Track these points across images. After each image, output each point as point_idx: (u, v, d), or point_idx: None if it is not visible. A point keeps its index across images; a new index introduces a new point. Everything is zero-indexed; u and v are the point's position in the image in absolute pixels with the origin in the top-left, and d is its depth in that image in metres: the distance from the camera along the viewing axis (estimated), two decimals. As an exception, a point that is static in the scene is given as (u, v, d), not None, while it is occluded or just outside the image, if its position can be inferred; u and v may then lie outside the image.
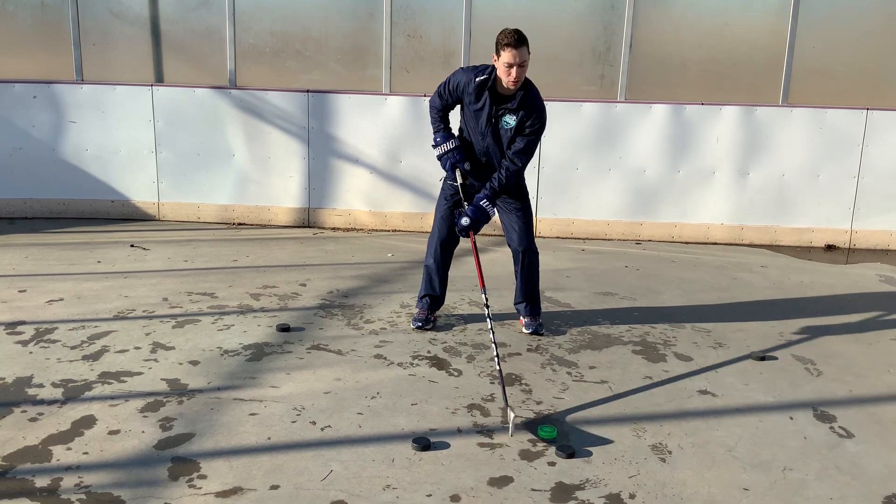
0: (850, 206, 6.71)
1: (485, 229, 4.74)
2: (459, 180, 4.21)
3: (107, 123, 6.71)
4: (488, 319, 3.91)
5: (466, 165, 4.20)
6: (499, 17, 6.60)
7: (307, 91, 6.65)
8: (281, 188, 6.84)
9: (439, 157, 4.24)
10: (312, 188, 6.82)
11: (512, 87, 3.94)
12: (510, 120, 4.04)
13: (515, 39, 3.85)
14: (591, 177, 6.70)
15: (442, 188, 4.43)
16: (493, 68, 4.00)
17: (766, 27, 6.63)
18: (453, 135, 4.25)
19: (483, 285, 4.05)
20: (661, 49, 6.70)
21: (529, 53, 3.93)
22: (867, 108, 6.55)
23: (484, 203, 4.09)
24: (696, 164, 6.67)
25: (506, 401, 3.44)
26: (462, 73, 4.12)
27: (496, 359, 3.67)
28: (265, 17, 6.72)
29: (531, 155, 4.14)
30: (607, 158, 6.67)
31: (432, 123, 4.26)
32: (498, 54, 3.91)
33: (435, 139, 4.24)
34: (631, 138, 6.63)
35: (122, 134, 6.73)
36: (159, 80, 6.83)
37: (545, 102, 4.14)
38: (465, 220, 4.07)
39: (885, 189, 6.66)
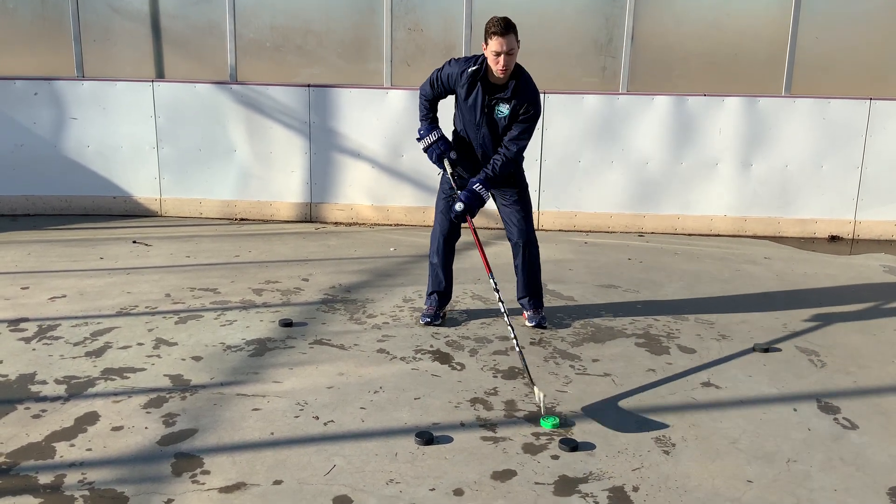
0: (853, 196, 6.69)
1: (485, 223, 4.73)
2: (449, 170, 4.20)
3: (108, 119, 6.71)
4: (501, 304, 4.02)
5: (453, 154, 4.18)
6: (499, 10, 6.53)
7: (308, 85, 6.64)
8: (283, 183, 6.83)
9: (425, 150, 4.21)
10: (314, 183, 6.81)
11: (501, 76, 3.93)
12: (504, 109, 4.03)
13: (502, 27, 3.82)
14: (593, 169, 6.68)
15: (440, 183, 4.41)
16: (484, 57, 3.98)
17: (769, 17, 6.60)
18: (437, 125, 4.22)
19: (489, 270, 4.13)
20: (663, 40, 6.67)
21: (519, 41, 3.91)
22: (870, 98, 6.52)
23: (478, 187, 4.05)
24: (699, 155, 6.64)
25: (531, 379, 3.62)
26: (454, 63, 4.08)
27: (514, 340, 3.85)
28: (265, 12, 6.70)
29: (526, 141, 4.10)
30: (609, 151, 6.65)
31: (420, 111, 4.22)
32: (486, 42, 3.90)
33: (419, 131, 4.21)
34: (633, 130, 6.61)
35: (124, 130, 6.73)
36: (160, 75, 6.82)
37: (544, 94, 4.12)
38: (458, 206, 4.06)
39: (889, 179, 6.64)
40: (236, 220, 6.89)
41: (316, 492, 2.80)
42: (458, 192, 4.14)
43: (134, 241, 6.05)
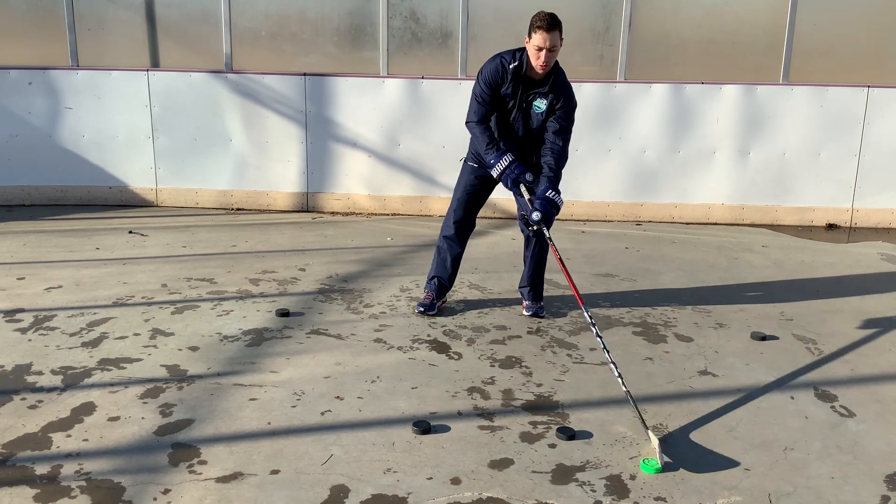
0: (851, 184, 6.68)
1: (484, 212, 4.69)
2: (526, 195, 4.06)
3: (103, 109, 6.68)
4: (597, 334, 3.56)
5: (529, 176, 4.02)
6: (496, -2, 6.57)
7: (304, 74, 6.61)
8: (279, 173, 6.80)
9: (498, 177, 4.07)
10: (311, 172, 6.79)
11: (540, 71, 3.91)
12: (541, 104, 4.01)
13: (548, 23, 3.81)
14: (590, 158, 6.66)
15: (462, 170, 4.34)
16: (523, 51, 3.96)
17: (767, 5, 6.56)
18: (506, 149, 4.06)
19: (581, 301, 3.76)
20: (661, 28, 6.64)
21: (562, 39, 3.89)
22: (868, 86, 6.50)
23: (551, 194, 3.95)
24: (697, 143, 6.63)
25: (643, 422, 3.18)
26: (490, 63, 4.01)
27: (611, 365, 3.42)
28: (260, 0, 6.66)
29: (570, 133, 4.10)
30: (607, 139, 6.63)
31: (479, 143, 4.06)
32: (529, 36, 3.87)
33: (488, 160, 4.05)
34: (631, 118, 6.59)
35: (119, 119, 6.70)
36: (155, 64, 6.78)
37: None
38: (535, 215, 3.89)
39: (887, 167, 6.63)
40: (233, 209, 6.87)
41: (313, 481, 2.80)
42: (534, 199, 3.97)
43: (130, 232, 6.03)
